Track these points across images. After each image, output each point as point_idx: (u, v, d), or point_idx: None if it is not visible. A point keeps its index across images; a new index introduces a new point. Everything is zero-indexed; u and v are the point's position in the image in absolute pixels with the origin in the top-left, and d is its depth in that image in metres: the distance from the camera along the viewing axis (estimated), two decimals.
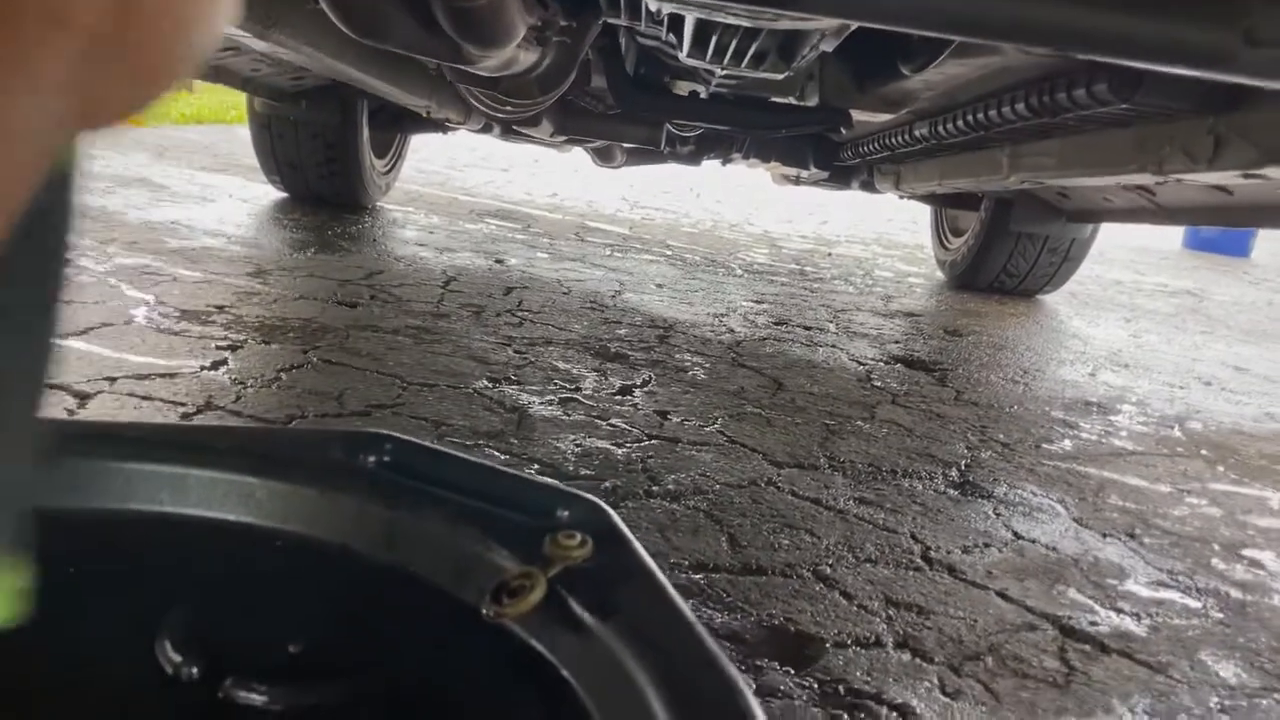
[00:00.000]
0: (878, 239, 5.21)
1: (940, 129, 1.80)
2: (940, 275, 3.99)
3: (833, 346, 2.49)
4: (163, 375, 1.53)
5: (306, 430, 0.79)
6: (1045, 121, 1.45)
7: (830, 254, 4.36)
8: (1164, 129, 1.31)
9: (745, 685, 0.51)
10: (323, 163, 3.24)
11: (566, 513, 0.69)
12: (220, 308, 1.98)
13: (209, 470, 0.69)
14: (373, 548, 0.67)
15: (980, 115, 1.57)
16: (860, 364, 2.34)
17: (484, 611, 0.61)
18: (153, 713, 0.53)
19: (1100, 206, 2.73)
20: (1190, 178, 1.30)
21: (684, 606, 0.58)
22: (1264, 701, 1.08)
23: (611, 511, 0.70)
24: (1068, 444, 1.94)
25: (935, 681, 1.01)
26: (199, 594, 0.61)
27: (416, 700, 0.57)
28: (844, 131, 2.29)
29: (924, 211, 4.39)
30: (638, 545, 0.66)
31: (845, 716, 0.92)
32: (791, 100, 1.73)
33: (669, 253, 3.72)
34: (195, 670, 0.55)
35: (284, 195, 3.52)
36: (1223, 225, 2.13)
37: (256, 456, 0.71)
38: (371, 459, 0.74)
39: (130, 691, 0.54)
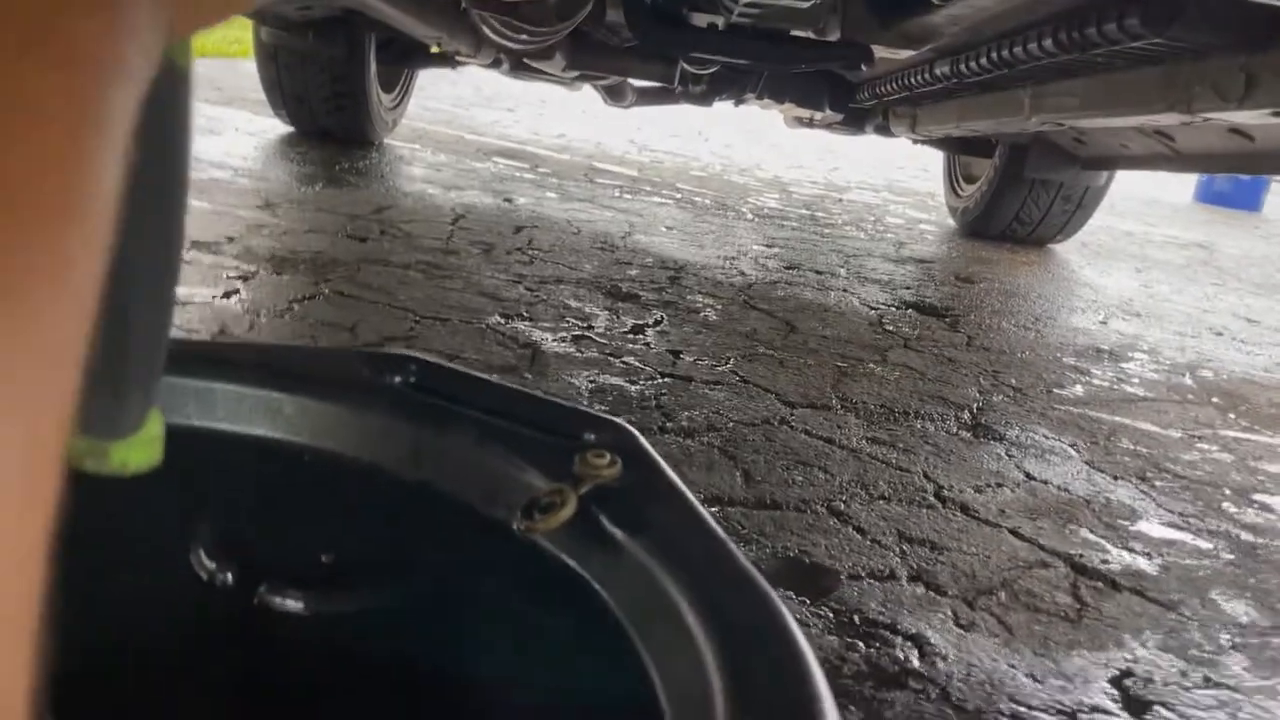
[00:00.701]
0: (889, 186, 5.16)
1: (962, 67, 1.76)
2: (952, 223, 3.96)
3: (844, 291, 2.48)
4: (176, 303, 1.52)
5: (332, 349, 0.79)
6: (1072, 59, 1.42)
7: (841, 200, 4.33)
8: (1194, 67, 1.29)
9: (779, 601, 0.51)
10: (329, 97, 3.20)
11: (593, 435, 0.69)
12: (230, 239, 1.96)
13: (235, 385, 0.69)
14: (400, 465, 0.67)
15: (1005, 52, 1.54)
16: (872, 309, 2.33)
17: (515, 527, 0.61)
18: (191, 618, 0.53)
19: (1117, 153, 2.70)
20: (1219, 117, 1.28)
21: (715, 525, 0.57)
22: (1275, 640, 1.08)
23: (638, 434, 0.70)
24: (1079, 389, 1.94)
25: (949, 614, 1.02)
26: (229, 506, 0.61)
27: (448, 612, 0.57)
28: (863, 69, 2.25)
29: (936, 159, 4.35)
30: (665, 466, 0.65)
31: (861, 645, 0.93)
32: (811, 35, 1.70)
33: (678, 195, 3.69)
34: (230, 577, 0.55)
35: (290, 129, 3.48)
36: (1242, 172, 2.10)
37: (282, 373, 0.70)
38: (397, 379, 0.73)
39: (168, 597, 0.54)
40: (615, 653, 0.52)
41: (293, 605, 0.53)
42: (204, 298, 1.58)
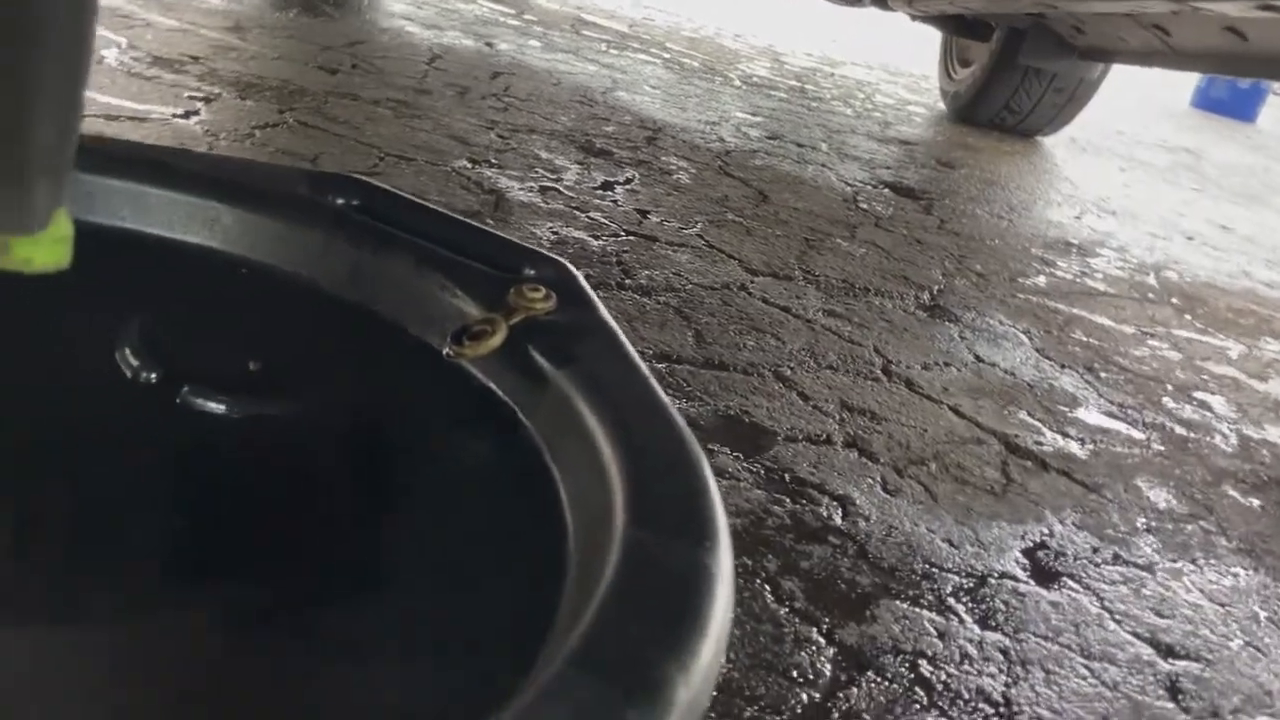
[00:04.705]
0: (884, 65, 5.04)
1: None
2: (942, 107, 3.89)
3: (823, 166, 2.45)
4: (132, 118, 1.48)
5: (275, 165, 0.78)
6: None
7: (834, 74, 4.23)
8: None
9: (688, 431, 0.52)
10: None
11: (533, 271, 0.69)
12: (195, 58, 1.90)
13: (173, 191, 0.68)
14: (337, 284, 0.67)
15: None
16: (848, 185, 2.31)
17: (444, 352, 0.61)
18: (111, 413, 0.53)
19: (1114, 45, 2.64)
20: (1209, 7, 1.25)
21: (639, 361, 0.58)
22: (1189, 527, 1.13)
23: (577, 273, 0.70)
24: (1042, 280, 1.95)
25: (878, 479, 1.05)
26: (160, 310, 0.61)
27: (372, 427, 0.58)
28: None
29: (934, 42, 4.24)
30: (600, 305, 0.66)
31: (787, 501, 0.96)
32: None
33: (666, 56, 3.59)
34: (153, 375, 0.55)
35: None
36: (1235, 74, 2.07)
37: (223, 183, 0.69)
38: (340, 200, 0.72)
39: (90, 391, 0.54)
40: (528, 471, 0.54)
41: (214, 407, 0.54)
42: (162, 115, 1.54)
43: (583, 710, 0.33)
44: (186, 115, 1.58)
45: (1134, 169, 3.70)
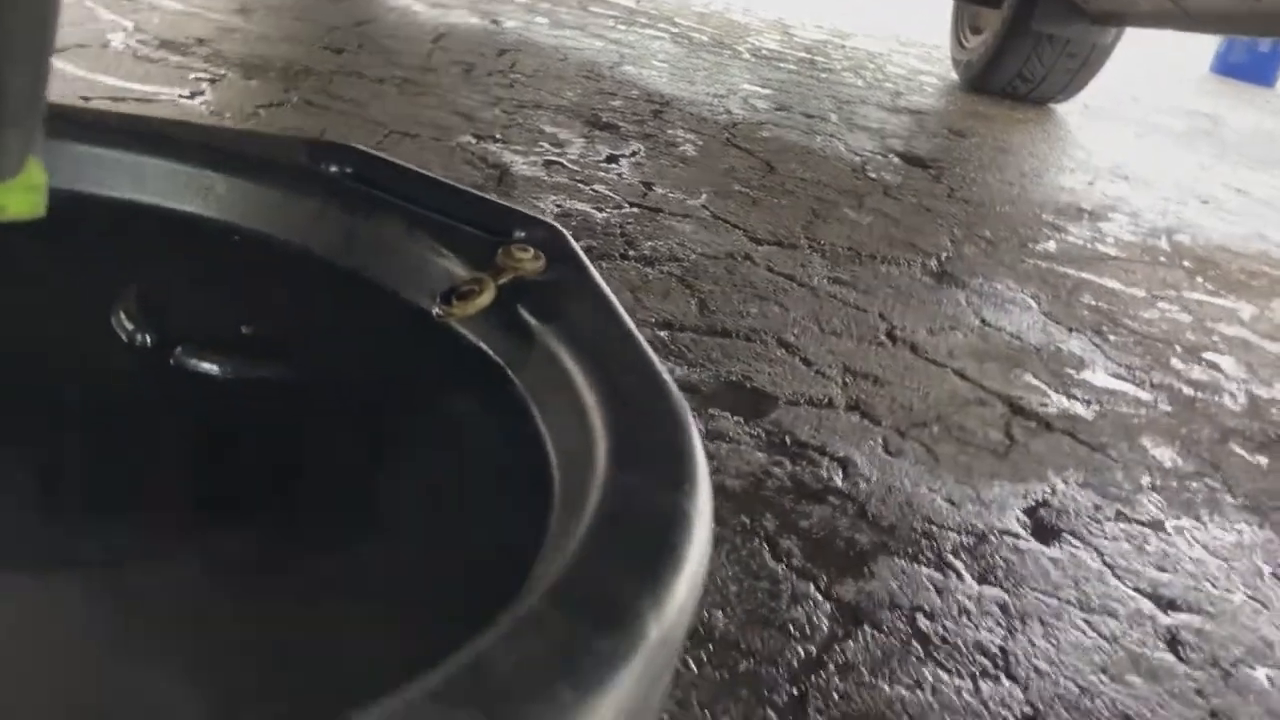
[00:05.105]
0: (896, 35, 5.00)
1: None
2: (954, 76, 3.86)
3: (831, 136, 2.44)
4: (138, 99, 1.49)
5: (269, 134, 0.78)
6: None
7: (844, 45, 4.20)
8: None
9: (673, 385, 0.53)
10: None
11: (524, 233, 0.69)
12: (201, 40, 1.91)
13: (169, 161, 0.69)
14: (330, 250, 0.68)
15: None
16: (857, 155, 2.30)
17: (434, 312, 0.62)
18: (106, 374, 0.54)
19: (1126, 8, 2.61)
20: None
21: (625, 316, 0.59)
22: (1194, 484, 1.13)
23: (568, 235, 0.70)
24: (1052, 245, 1.94)
25: (879, 441, 1.06)
26: (156, 277, 0.62)
27: (361, 386, 0.59)
28: None
29: (946, 10, 4.20)
30: (589, 265, 0.66)
31: (787, 463, 0.96)
32: None
33: (675, 30, 3.57)
34: (148, 338, 0.56)
35: None
36: (1251, 34, 2.04)
37: (218, 153, 0.70)
38: (334, 168, 0.73)
39: (85, 353, 0.55)
40: (515, 424, 0.54)
41: (207, 368, 0.55)
42: (168, 96, 1.55)
43: (553, 640, 0.34)
44: (192, 96, 1.59)
45: (1149, 135, 3.66)
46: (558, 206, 1.52)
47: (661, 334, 1.18)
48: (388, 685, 0.31)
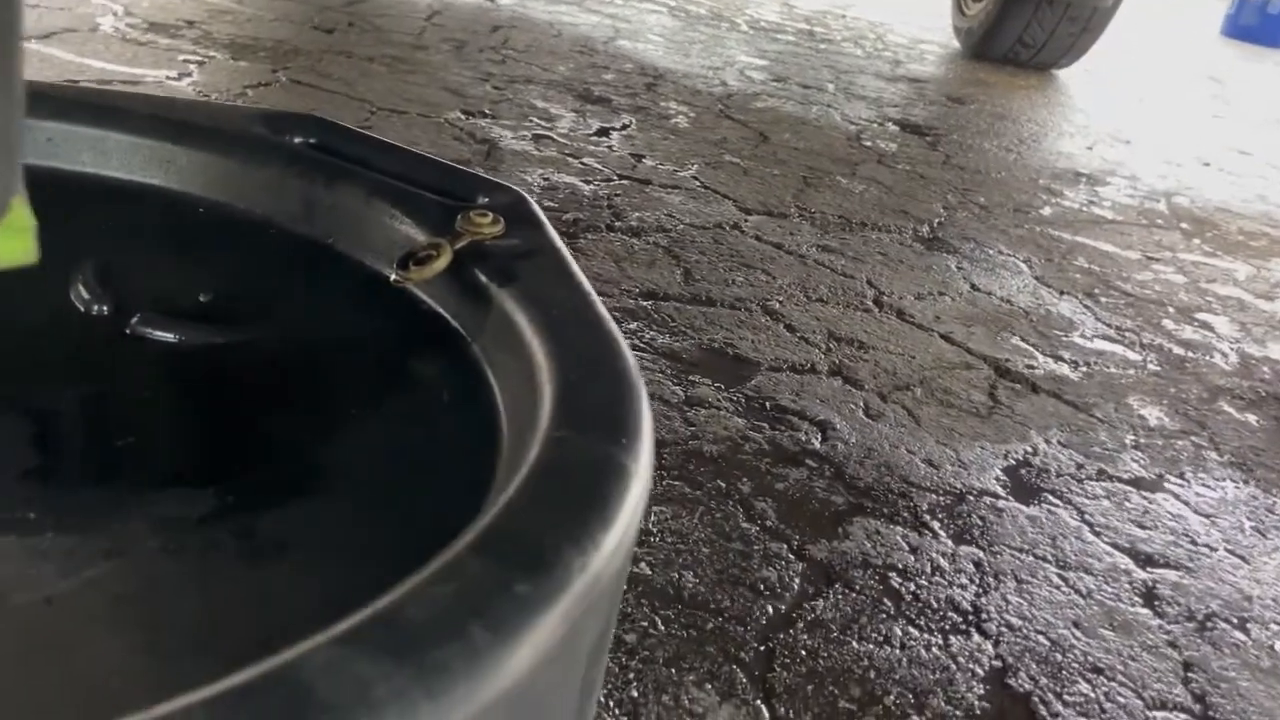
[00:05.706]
0: (898, 4, 4.95)
1: None
2: (956, 44, 3.82)
3: (828, 106, 2.42)
4: (125, 82, 1.50)
5: (229, 105, 0.79)
6: None
7: (845, 15, 4.16)
8: None
9: (624, 344, 0.53)
10: None
11: (487, 199, 0.70)
12: (190, 23, 1.91)
13: (130, 135, 0.69)
14: (291, 219, 0.68)
15: None
16: (853, 124, 2.29)
17: (391, 278, 0.62)
18: (64, 343, 0.55)
19: None
20: None
21: (580, 276, 0.59)
22: (1179, 442, 1.12)
23: (531, 200, 0.70)
24: (1047, 210, 1.93)
25: (860, 404, 1.06)
26: (117, 249, 0.62)
27: (318, 352, 0.60)
28: None
29: None
30: (551, 230, 0.67)
31: (766, 428, 0.97)
32: None
33: (672, 3, 3.55)
34: (106, 308, 0.57)
35: None
36: None
37: (180, 125, 0.71)
38: (297, 139, 0.73)
39: (44, 323, 0.56)
40: (467, 386, 0.55)
41: (164, 335, 0.56)
42: (155, 78, 1.56)
43: (471, 585, 0.34)
44: (180, 77, 1.59)
45: (1152, 98, 3.62)
46: (545, 180, 1.51)
47: (645, 303, 1.18)
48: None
